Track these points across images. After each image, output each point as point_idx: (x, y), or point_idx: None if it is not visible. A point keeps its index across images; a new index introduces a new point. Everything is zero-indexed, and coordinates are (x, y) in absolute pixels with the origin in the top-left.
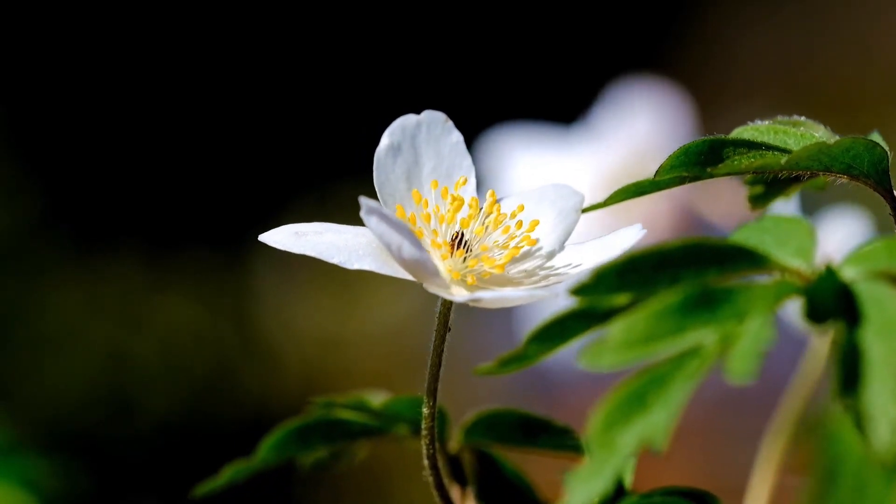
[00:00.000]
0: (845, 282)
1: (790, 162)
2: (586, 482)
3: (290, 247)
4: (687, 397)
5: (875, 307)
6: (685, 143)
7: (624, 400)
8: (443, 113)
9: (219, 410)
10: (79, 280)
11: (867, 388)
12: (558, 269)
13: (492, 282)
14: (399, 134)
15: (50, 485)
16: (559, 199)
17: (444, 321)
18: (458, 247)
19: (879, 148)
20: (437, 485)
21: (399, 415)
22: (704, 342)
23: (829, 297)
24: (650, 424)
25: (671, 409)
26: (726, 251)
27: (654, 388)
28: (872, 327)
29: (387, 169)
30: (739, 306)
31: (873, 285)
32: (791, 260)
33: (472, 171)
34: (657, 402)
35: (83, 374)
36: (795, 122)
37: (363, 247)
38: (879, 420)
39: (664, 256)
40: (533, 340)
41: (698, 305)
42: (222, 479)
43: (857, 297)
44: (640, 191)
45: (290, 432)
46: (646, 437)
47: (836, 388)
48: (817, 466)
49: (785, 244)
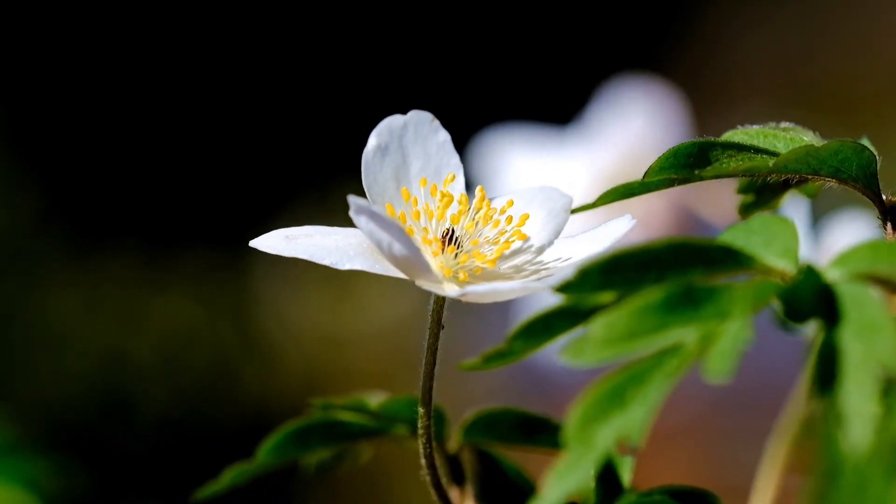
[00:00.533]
0: (828, 282)
1: (778, 165)
2: (562, 478)
3: (281, 251)
4: (665, 396)
5: (855, 307)
6: (674, 145)
7: (602, 396)
8: (429, 112)
9: (218, 410)
10: (78, 280)
11: (843, 387)
12: (549, 262)
13: (483, 277)
14: (386, 134)
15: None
16: (548, 200)
17: (437, 319)
18: (448, 243)
19: (868, 151)
20: (435, 484)
21: (397, 415)
22: (685, 340)
23: (808, 297)
24: (628, 421)
25: (649, 407)
26: (712, 251)
27: (633, 385)
28: (851, 327)
29: (375, 169)
30: (721, 305)
31: (854, 286)
32: (776, 260)
33: (461, 170)
34: (635, 399)
35: (82, 373)
36: (785, 127)
37: (354, 247)
38: (854, 419)
39: (649, 255)
40: (517, 337)
41: (680, 304)
42: (223, 483)
43: (837, 298)
44: (630, 192)
45: (290, 434)
46: (623, 434)
47: (813, 387)
48: (818, 465)
49: (770, 245)
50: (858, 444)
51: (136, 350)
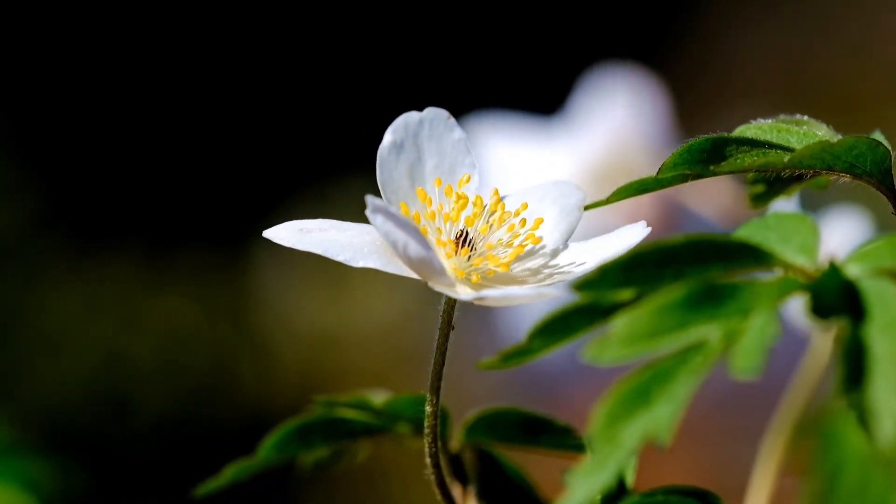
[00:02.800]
0: (849, 279)
1: (793, 160)
2: (589, 477)
3: (295, 243)
4: (691, 393)
5: (879, 304)
6: (688, 141)
7: (627, 395)
8: (445, 110)
9: (217, 409)
10: (77, 280)
11: (871, 384)
12: (562, 267)
13: (496, 280)
14: (402, 131)
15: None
16: (561, 196)
17: (447, 319)
18: (462, 245)
19: (882, 147)
20: (440, 483)
21: (400, 413)
22: (709, 338)
23: (833, 293)
24: (654, 419)
25: (675, 405)
26: (731, 248)
27: (658, 383)
28: (877, 324)
29: (390, 166)
30: (744, 302)
31: (878, 282)
32: (795, 257)
33: (476, 169)
34: (661, 397)
35: (81, 373)
36: (798, 121)
37: (368, 244)
38: (884, 416)
39: (668, 252)
40: (537, 335)
41: (702, 301)
42: (224, 479)
43: (861, 294)
44: (644, 188)
45: (292, 431)
46: (649, 433)
47: (840, 385)
48: (819, 466)
49: (789, 241)
50: (887, 440)
51: (134, 349)
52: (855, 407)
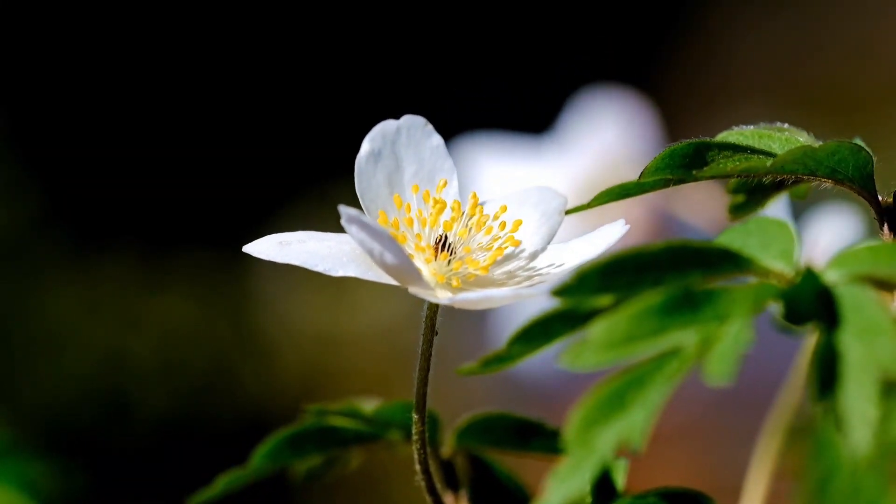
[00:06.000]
0: (827, 284)
1: (775, 165)
2: (564, 481)
3: (274, 257)
4: (666, 398)
5: (854, 310)
6: (670, 146)
7: (603, 400)
8: (422, 117)
9: (216, 410)
10: (76, 280)
11: (844, 390)
12: (542, 269)
13: (476, 284)
14: (379, 140)
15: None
16: (542, 201)
17: (430, 325)
18: (441, 250)
19: (864, 152)
20: (430, 489)
21: (391, 420)
22: (685, 343)
23: (808, 299)
24: (629, 424)
25: (650, 410)
26: (710, 254)
27: (634, 388)
28: (850, 330)
29: (368, 175)
30: (721, 308)
31: (854, 288)
32: (774, 263)
33: (454, 174)
34: (636, 402)
35: (80, 373)
36: (780, 127)
37: (347, 254)
38: (856, 422)
39: (647, 258)
40: (516, 341)
41: (680, 307)
42: (217, 489)
43: (837, 300)
44: (625, 193)
45: (284, 440)
46: (624, 437)
47: (814, 391)
48: (811, 469)
49: (768, 247)
50: (859, 447)
51: (133, 350)
52: (829, 413)
